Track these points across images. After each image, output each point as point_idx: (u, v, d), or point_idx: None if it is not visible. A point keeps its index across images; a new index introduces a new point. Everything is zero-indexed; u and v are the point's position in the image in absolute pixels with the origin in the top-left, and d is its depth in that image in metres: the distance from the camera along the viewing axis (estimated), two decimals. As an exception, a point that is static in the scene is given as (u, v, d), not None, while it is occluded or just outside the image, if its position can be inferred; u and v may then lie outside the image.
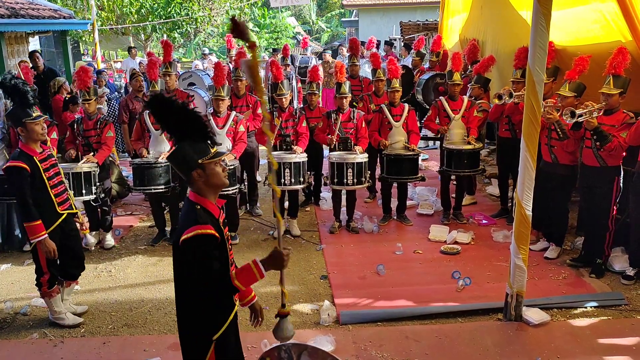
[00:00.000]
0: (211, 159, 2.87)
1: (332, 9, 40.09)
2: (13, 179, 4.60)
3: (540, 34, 4.25)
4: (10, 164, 4.58)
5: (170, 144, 6.70)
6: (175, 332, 4.86)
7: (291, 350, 2.49)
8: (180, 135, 2.90)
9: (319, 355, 2.45)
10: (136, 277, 6.05)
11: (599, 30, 5.95)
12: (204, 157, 2.85)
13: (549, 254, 6.20)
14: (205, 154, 2.86)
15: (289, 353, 2.48)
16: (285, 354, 2.50)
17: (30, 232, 4.61)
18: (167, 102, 2.88)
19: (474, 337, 4.66)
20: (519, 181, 4.65)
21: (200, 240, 2.77)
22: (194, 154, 2.85)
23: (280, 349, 2.51)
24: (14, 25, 10.15)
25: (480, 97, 7.69)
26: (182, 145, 2.87)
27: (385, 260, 6.13)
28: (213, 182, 2.90)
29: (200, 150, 2.86)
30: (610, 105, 5.40)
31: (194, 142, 2.88)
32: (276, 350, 2.55)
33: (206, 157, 2.85)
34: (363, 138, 7.03)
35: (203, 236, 2.77)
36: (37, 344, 4.77)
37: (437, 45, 10.52)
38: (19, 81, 4.72)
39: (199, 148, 2.86)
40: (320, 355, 2.44)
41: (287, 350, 2.50)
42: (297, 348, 2.50)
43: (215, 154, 2.90)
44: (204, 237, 2.77)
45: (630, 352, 4.42)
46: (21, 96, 4.68)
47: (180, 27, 21.12)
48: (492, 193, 8.39)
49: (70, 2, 19.42)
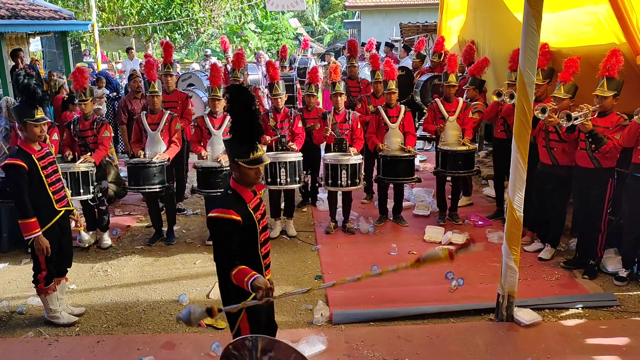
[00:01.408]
0: (246, 163, 3.17)
1: (335, 10, 40.16)
2: (10, 176, 4.67)
3: (530, 35, 4.27)
4: (8, 161, 4.63)
5: (167, 145, 6.75)
6: (169, 331, 4.96)
7: (257, 341, 2.52)
8: (237, 127, 3.17)
9: (282, 349, 2.48)
10: (132, 276, 6.08)
11: (593, 32, 5.96)
12: (241, 158, 3.17)
13: (543, 255, 6.22)
14: (244, 157, 3.17)
15: (254, 344, 2.51)
16: (250, 343, 2.52)
17: (25, 229, 4.65)
18: (246, 94, 3.16)
19: (465, 337, 4.69)
20: (510, 182, 4.67)
21: (217, 222, 3.17)
22: (236, 151, 3.19)
23: (245, 340, 2.54)
24: (14, 26, 10.22)
25: (476, 99, 7.71)
26: (234, 137, 3.19)
27: (380, 261, 6.15)
28: (244, 180, 3.26)
29: (242, 151, 3.16)
30: (604, 108, 5.42)
31: (242, 140, 3.16)
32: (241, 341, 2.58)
33: (242, 160, 3.17)
34: (358, 139, 7.06)
35: (221, 219, 3.15)
36: (32, 342, 4.81)
37: (439, 46, 10.55)
38: (32, 81, 4.73)
39: (243, 148, 3.16)
40: (284, 349, 2.47)
41: (252, 341, 2.53)
42: (264, 341, 2.53)
43: (252, 160, 3.18)
44: (222, 220, 3.15)
45: (620, 352, 4.45)
46: (28, 96, 4.71)
47: (181, 28, 21.19)
48: (489, 194, 8.41)
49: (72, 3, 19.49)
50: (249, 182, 3.27)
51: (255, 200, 3.33)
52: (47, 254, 4.75)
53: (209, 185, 6.49)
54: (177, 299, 5.45)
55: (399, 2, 28.48)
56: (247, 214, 3.22)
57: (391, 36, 20.84)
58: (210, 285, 5.74)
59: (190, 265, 6.30)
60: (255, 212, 3.30)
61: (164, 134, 6.75)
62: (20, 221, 4.66)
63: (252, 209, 3.27)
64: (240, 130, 3.17)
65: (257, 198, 3.36)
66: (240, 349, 2.51)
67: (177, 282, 5.88)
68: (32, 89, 4.65)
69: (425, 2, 26.00)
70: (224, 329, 4.91)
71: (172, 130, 6.79)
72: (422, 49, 11.49)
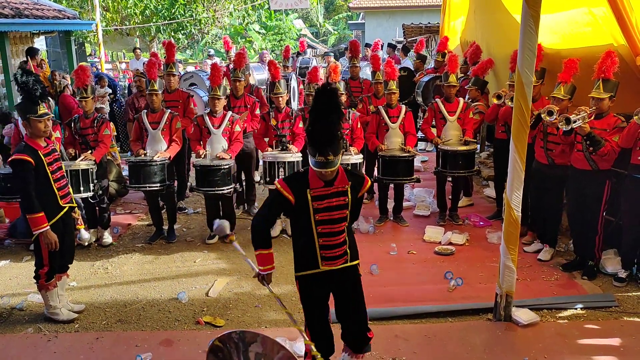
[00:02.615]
0: (314, 165, 3.40)
1: (339, 11, 40.24)
2: (17, 171, 4.73)
3: (529, 36, 4.28)
4: (16, 156, 4.69)
5: (167, 143, 6.77)
6: (168, 328, 4.97)
7: (244, 335, 2.53)
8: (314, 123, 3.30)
9: (268, 345, 2.49)
10: (132, 274, 6.11)
11: (592, 33, 5.96)
12: (312, 157, 3.37)
13: (542, 256, 6.22)
14: (312, 155, 3.36)
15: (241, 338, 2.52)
16: (236, 337, 2.53)
17: (33, 224, 4.70)
18: (332, 94, 3.29)
19: (462, 337, 4.69)
20: (508, 182, 4.67)
21: (274, 193, 3.64)
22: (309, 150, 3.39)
23: (232, 334, 2.56)
24: (17, 25, 10.28)
25: (477, 99, 7.71)
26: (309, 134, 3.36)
27: (379, 261, 6.17)
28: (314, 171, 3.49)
29: (311, 152, 3.36)
30: (601, 110, 5.41)
31: (312, 142, 3.33)
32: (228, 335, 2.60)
33: (311, 160, 3.40)
34: (358, 139, 7.08)
35: (277, 192, 3.54)
36: (32, 338, 4.84)
37: (443, 46, 10.56)
38: (29, 78, 4.76)
39: (311, 150, 3.35)
40: (270, 344, 2.48)
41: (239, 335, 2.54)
42: (250, 335, 2.54)
43: (316, 163, 3.36)
44: (277, 192, 3.54)
45: (618, 353, 4.44)
46: (28, 92, 4.76)
47: (185, 29, 21.24)
48: (490, 195, 8.41)
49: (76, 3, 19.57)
50: (317, 177, 3.50)
51: (322, 190, 3.49)
52: (55, 248, 4.80)
53: (208, 184, 6.51)
54: (177, 297, 5.47)
55: (403, 4, 28.51)
56: (303, 197, 3.47)
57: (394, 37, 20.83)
58: (210, 284, 5.76)
59: (190, 264, 6.32)
60: (315, 202, 3.47)
61: (164, 133, 6.78)
62: (28, 216, 4.71)
63: (311, 196, 3.47)
64: (318, 135, 3.28)
65: (326, 189, 3.50)
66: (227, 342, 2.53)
67: (177, 280, 5.91)
68: (30, 86, 4.69)
69: (430, 3, 26.02)
70: (222, 326, 4.94)
71: (173, 129, 6.81)
72: (422, 49, 11.50)
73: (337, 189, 3.50)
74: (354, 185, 3.58)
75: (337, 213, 3.52)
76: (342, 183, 3.52)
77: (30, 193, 4.67)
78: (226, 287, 5.71)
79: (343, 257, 3.65)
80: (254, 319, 5.07)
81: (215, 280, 5.83)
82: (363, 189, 3.66)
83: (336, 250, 3.60)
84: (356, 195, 3.61)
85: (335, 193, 3.51)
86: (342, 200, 3.52)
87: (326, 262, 3.61)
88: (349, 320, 3.87)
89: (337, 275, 3.68)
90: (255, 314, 5.18)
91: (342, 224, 3.58)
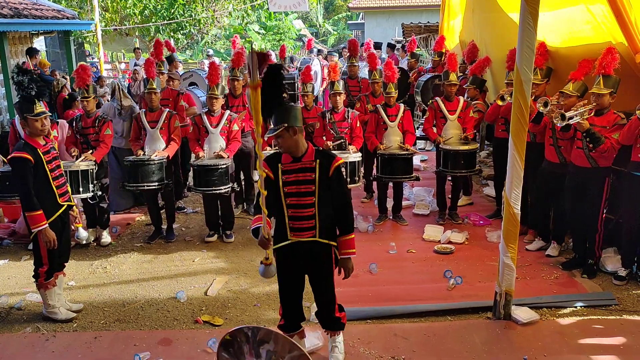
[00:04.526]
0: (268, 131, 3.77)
1: (339, 11, 40.18)
2: (17, 169, 4.73)
3: (527, 33, 4.27)
4: (15, 154, 4.69)
5: (166, 142, 6.76)
6: (167, 327, 4.96)
7: (256, 332, 2.51)
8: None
9: (280, 342, 2.47)
10: (131, 273, 6.10)
11: (590, 31, 5.94)
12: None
13: (550, 252, 6.22)
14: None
15: (253, 334, 2.50)
16: (249, 332, 2.52)
17: (32, 222, 4.71)
18: (277, 72, 3.57)
19: (461, 335, 4.68)
20: (507, 180, 4.66)
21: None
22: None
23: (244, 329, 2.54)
24: (16, 25, 10.25)
25: (476, 98, 7.70)
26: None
27: (378, 259, 6.16)
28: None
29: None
30: (601, 106, 5.40)
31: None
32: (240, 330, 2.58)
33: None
34: (357, 138, 7.07)
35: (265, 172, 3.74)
36: (30, 337, 4.82)
37: (439, 45, 10.55)
38: (25, 77, 4.76)
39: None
40: (282, 342, 2.46)
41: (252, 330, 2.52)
42: (263, 333, 2.52)
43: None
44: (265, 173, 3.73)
45: (618, 351, 4.42)
46: (24, 91, 4.75)
47: (184, 29, 21.24)
48: (489, 194, 8.39)
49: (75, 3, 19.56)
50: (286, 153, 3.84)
51: (290, 165, 3.81)
52: (54, 246, 4.80)
53: (205, 184, 6.50)
54: (175, 296, 5.46)
55: (402, 3, 28.48)
56: (276, 172, 3.82)
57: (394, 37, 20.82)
58: (209, 283, 5.75)
59: (189, 263, 6.30)
60: (284, 175, 3.80)
61: (163, 132, 6.76)
62: (27, 214, 4.71)
63: (281, 170, 3.80)
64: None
65: (294, 164, 3.80)
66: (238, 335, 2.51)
67: (176, 280, 5.89)
68: (26, 86, 4.69)
69: (429, 3, 26.00)
70: (221, 325, 4.92)
71: (172, 128, 6.80)
72: (414, 48, 11.51)
73: (304, 164, 3.81)
74: (323, 163, 3.82)
75: (303, 187, 3.81)
76: (309, 158, 3.82)
77: (29, 191, 4.68)
78: (225, 286, 5.70)
79: (311, 230, 3.86)
80: (252, 317, 5.06)
81: (214, 280, 5.82)
82: (332, 167, 3.83)
83: (303, 222, 3.85)
84: (327, 173, 3.82)
85: (302, 168, 3.81)
86: (308, 176, 3.80)
87: (294, 233, 3.88)
88: (317, 301, 4.17)
89: (307, 250, 3.91)
90: (254, 312, 5.16)
91: (310, 198, 3.82)
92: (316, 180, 3.80)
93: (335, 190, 3.89)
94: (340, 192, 3.95)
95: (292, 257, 3.95)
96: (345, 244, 3.96)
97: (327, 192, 3.85)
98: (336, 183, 3.90)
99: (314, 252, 3.93)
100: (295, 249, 3.91)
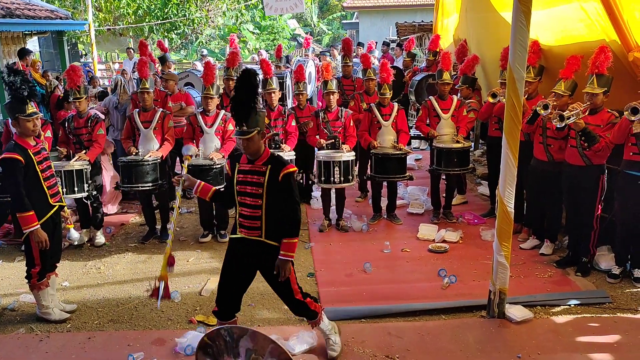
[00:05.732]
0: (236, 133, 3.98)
1: (333, 11, 40.16)
2: (7, 170, 4.70)
3: (520, 31, 4.27)
4: (5, 155, 4.67)
5: (159, 142, 6.74)
6: (161, 328, 4.94)
7: (232, 331, 2.51)
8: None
9: (258, 340, 2.47)
10: (125, 274, 6.08)
11: (584, 29, 5.95)
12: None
13: (544, 251, 6.24)
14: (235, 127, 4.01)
15: (230, 334, 2.50)
16: (225, 333, 2.52)
17: (23, 223, 4.69)
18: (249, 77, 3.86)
19: (455, 334, 4.68)
20: (501, 178, 4.67)
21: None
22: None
23: (220, 330, 2.54)
24: (9, 25, 10.21)
25: (469, 97, 7.70)
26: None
27: (372, 259, 6.16)
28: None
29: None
30: (595, 105, 5.41)
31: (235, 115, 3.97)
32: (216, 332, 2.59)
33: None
34: (351, 137, 7.07)
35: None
36: (23, 338, 4.80)
37: (434, 44, 10.55)
38: (16, 78, 4.74)
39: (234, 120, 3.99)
40: (260, 339, 2.46)
41: (228, 331, 2.52)
42: (239, 330, 2.52)
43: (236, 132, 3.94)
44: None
45: (611, 349, 4.44)
46: (15, 92, 4.73)
47: (178, 28, 21.19)
48: (484, 193, 8.41)
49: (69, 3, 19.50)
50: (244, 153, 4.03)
51: (245, 166, 4.00)
52: (46, 246, 4.78)
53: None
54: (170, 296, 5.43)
55: (396, 3, 28.49)
56: (234, 170, 4.05)
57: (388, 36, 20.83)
58: (203, 283, 5.74)
59: (183, 263, 6.28)
60: (238, 174, 4.00)
61: (156, 132, 6.74)
62: (19, 214, 4.70)
63: (238, 169, 4.01)
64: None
65: (248, 166, 3.98)
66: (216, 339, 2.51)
67: (170, 279, 5.83)
68: (18, 86, 4.66)
69: (423, 2, 26.00)
70: (215, 325, 4.90)
71: (165, 128, 6.78)
72: (412, 47, 11.51)
73: (255, 167, 3.96)
74: (274, 168, 3.92)
75: (250, 188, 3.96)
76: (260, 162, 3.96)
77: (21, 192, 4.65)
78: (219, 286, 5.69)
79: (257, 230, 3.99)
80: (247, 317, 5.05)
81: (208, 280, 5.81)
82: (281, 173, 3.90)
83: (250, 222, 4.00)
84: (276, 179, 3.90)
85: (254, 171, 3.96)
86: (256, 179, 3.93)
87: (242, 229, 4.05)
88: (276, 293, 4.32)
89: (254, 249, 4.04)
90: (248, 312, 5.15)
91: (257, 199, 3.95)
92: (264, 185, 3.92)
93: (283, 197, 3.95)
94: (289, 199, 3.98)
95: (238, 251, 4.12)
96: (286, 246, 3.98)
97: (276, 197, 3.94)
98: (285, 190, 3.95)
99: (260, 251, 4.04)
100: (243, 245, 4.07)
